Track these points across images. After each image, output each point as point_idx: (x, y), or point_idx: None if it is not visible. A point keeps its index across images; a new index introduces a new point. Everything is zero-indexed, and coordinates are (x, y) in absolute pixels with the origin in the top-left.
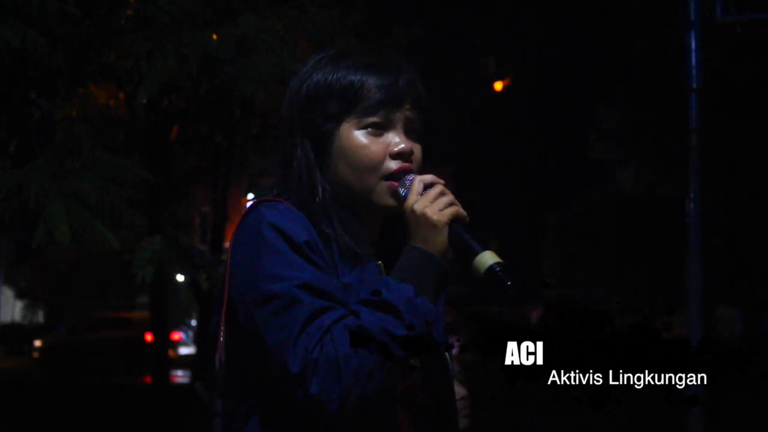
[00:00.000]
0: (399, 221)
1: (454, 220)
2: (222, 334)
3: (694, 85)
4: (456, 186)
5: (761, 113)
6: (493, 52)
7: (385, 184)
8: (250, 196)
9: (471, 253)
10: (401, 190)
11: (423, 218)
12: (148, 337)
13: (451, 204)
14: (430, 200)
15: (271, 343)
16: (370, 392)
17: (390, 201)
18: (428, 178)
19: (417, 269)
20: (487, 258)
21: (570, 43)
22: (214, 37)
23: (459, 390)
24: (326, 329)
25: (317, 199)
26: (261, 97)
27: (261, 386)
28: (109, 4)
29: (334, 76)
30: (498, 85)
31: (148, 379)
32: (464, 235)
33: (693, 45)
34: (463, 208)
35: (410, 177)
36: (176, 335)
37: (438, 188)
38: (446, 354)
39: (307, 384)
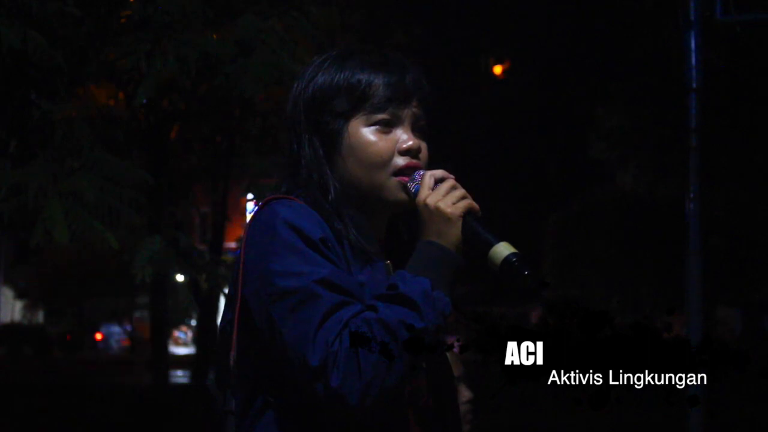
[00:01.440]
0: (403, 221)
1: (467, 213)
2: (235, 332)
3: (694, 85)
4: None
5: (761, 113)
6: (493, 52)
7: (394, 179)
8: (250, 196)
9: (486, 244)
10: (411, 185)
11: (437, 212)
12: None
13: (463, 197)
14: (443, 194)
15: (288, 338)
16: (391, 384)
17: (401, 196)
18: (439, 172)
19: (432, 263)
20: (503, 249)
21: (570, 43)
22: (215, 36)
23: (465, 393)
24: (345, 323)
25: (330, 197)
26: (260, 97)
27: (274, 383)
28: (109, 5)
29: (341, 75)
30: (497, 69)
31: None
32: (478, 227)
33: (693, 45)
34: None
35: (420, 173)
36: None
37: (450, 182)
38: (447, 355)
39: (327, 377)
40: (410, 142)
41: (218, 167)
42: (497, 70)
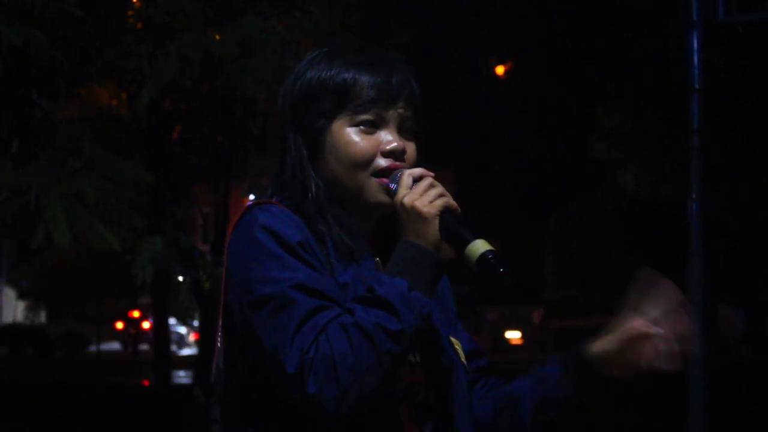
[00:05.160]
0: (395, 217)
1: (445, 212)
2: (219, 339)
3: (696, 86)
4: (456, 186)
5: (762, 113)
6: (493, 52)
7: (375, 181)
8: (252, 196)
9: (462, 242)
10: (392, 186)
11: (413, 211)
12: None
13: (440, 195)
14: (420, 193)
15: (267, 345)
16: (369, 390)
17: (382, 198)
18: (417, 171)
19: (409, 263)
20: (479, 246)
21: (570, 43)
22: (217, 37)
23: None
24: (321, 328)
25: (310, 197)
26: (262, 97)
27: (259, 392)
28: (111, 5)
29: (328, 73)
30: (500, 69)
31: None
32: (455, 225)
33: (694, 45)
34: (463, 208)
35: (400, 172)
36: None
37: (427, 181)
38: (459, 351)
39: (304, 384)
40: (394, 144)
41: (220, 167)
42: (499, 70)
